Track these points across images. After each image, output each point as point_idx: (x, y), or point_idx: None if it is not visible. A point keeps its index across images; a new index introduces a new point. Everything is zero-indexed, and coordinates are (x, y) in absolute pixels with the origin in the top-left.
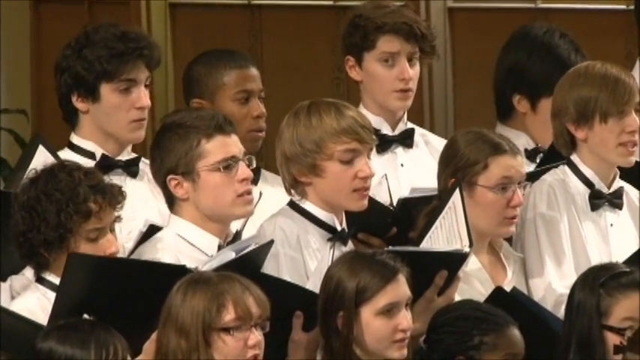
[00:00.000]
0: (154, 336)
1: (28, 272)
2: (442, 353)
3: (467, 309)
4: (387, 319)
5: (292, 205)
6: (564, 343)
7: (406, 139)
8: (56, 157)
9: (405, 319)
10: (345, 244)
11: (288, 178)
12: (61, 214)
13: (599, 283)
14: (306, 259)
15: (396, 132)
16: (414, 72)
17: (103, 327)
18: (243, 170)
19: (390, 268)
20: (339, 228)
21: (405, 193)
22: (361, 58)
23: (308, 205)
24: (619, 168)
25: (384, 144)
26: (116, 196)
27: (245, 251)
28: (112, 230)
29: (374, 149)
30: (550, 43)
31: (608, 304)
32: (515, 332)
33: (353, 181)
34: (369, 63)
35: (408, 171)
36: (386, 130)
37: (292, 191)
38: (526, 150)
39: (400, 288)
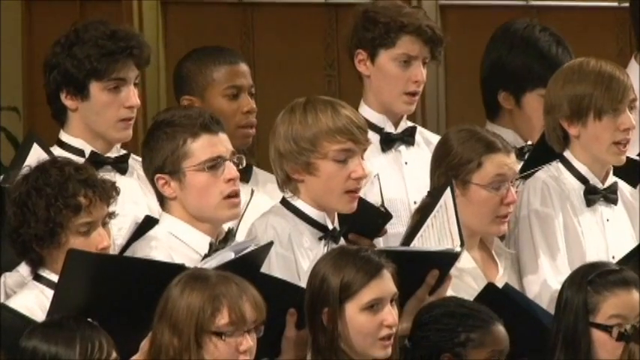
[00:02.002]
0: (150, 335)
1: (22, 269)
2: (428, 350)
3: (452, 305)
4: (371, 314)
5: (284, 202)
6: (552, 341)
7: (409, 137)
8: (50, 154)
9: (390, 314)
10: (336, 242)
11: (281, 175)
12: (51, 209)
13: (587, 280)
14: (298, 258)
15: (399, 130)
16: (424, 76)
17: (87, 324)
18: (230, 170)
19: (375, 264)
20: (330, 227)
21: (410, 190)
22: (375, 54)
23: (300, 203)
24: (615, 167)
25: (389, 142)
26: (107, 191)
27: (244, 252)
28: (105, 225)
29: (379, 148)
30: (529, 37)
31: (596, 301)
32: (500, 329)
33: (346, 182)
34: (383, 60)
35: (411, 169)
36: (389, 128)
37: (285, 188)
38: (514, 148)
39: (385, 283)
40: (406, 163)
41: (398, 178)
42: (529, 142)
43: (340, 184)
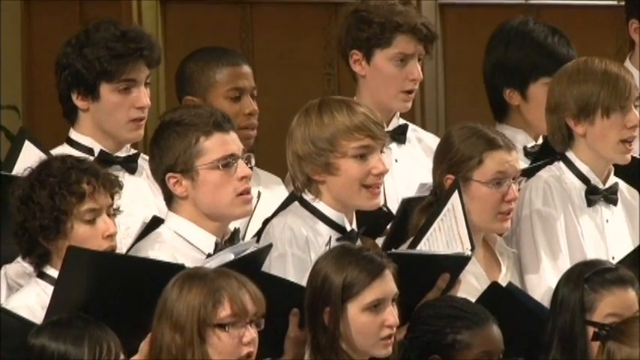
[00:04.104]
0: (150, 337)
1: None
2: (418, 351)
3: (442, 307)
4: (373, 315)
5: (302, 202)
6: (547, 339)
7: (400, 135)
8: (43, 150)
9: (391, 315)
10: (354, 244)
11: (301, 178)
12: (55, 197)
13: (583, 278)
14: (314, 260)
15: (390, 127)
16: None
17: (96, 324)
18: (243, 168)
19: (377, 264)
20: (348, 228)
21: (400, 189)
22: (371, 54)
23: (320, 205)
24: (616, 165)
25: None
26: (111, 181)
27: (244, 253)
28: (110, 216)
29: None
30: (524, 30)
31: (593, 299)
32: (492, 329)
33: (367, 178)
34: (380, 60)
35: (402, 167)
36: None
37: (306, 191)
38: (525, 148)
39: (387, 284)
40: (396, 160)
41: (387, 175)
42: (539, 142)
43: (362, 181)
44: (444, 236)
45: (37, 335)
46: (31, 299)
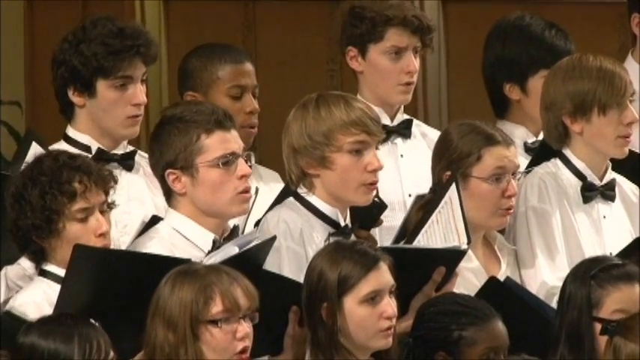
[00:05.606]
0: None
1: (24, 262)
2: (424, 349)
3: (447, 303)
4: (371, 307)
5: (297, 197)
6: (555, 335)
7: (405, 130)
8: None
9: (389, 306)
10: (347, 239)
11: (296, 171)
12: (46, 197)
13: (590, 275)
14: (309, 253)
15: (395, 123)
16: (417, 65)
17: (85, 322)
18: (242, 167)
19: (371, 257)
20: (342, 223)
21: (406, 183)
22: (365, 50)
23: (314, 199)
24: (613, 159)
25: (385, 134)
26: (104, 178)
27: (248, 246)
28: (104, 212)
29: None
30: (521, 25)
31: (599, 295)
32: (497, 325)
33: (362, 174)
34: (374, 55)
35: (407, 161)
36: (385, 120)
37: (300, 184)
38: (525, 143)
39: (382, 275)
40: (402, 155)
41: (393, 170)
42: (540, 137)
43: (356, 176)
44: (442, 229)
45: (26, 334)
46: (38, 296)
